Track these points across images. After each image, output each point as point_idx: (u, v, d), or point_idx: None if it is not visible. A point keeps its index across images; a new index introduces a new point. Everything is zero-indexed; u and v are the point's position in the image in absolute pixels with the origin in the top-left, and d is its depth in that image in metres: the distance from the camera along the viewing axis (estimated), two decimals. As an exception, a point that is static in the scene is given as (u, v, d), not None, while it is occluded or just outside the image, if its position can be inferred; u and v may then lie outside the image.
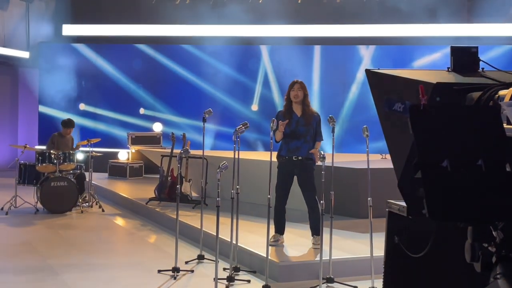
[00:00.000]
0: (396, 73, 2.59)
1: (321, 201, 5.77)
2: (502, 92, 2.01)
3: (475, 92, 2.15)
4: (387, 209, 2.76)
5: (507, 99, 1.93)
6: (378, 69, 2.80)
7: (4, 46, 13.83)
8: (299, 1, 14.06)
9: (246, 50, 14.24)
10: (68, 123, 10.16)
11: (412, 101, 2.29)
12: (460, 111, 1.97)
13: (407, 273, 2.74)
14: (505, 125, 1.88)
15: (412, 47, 13.52)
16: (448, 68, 2.63)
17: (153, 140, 13.57)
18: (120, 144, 13.99)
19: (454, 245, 2.27)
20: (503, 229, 1.93)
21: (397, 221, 2.61)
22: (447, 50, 9.64)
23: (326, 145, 8.07)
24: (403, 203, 2.51)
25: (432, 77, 2.44)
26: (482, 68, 2.63)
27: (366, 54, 13.72)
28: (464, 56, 2.61)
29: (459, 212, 1.81)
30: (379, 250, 5.41)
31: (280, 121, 6.54)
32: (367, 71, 2.85)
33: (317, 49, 13.95)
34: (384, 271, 2.81)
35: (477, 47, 2.65)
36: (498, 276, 1.89)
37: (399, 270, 2.77)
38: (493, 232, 1.96)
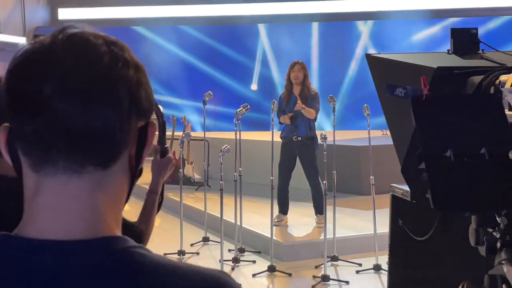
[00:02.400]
0: (397, 58, 2.59)
1: (324, 181, 5.81)
2: (503, 77, 2.02)
3: (476, 76, 2.16)
4: (390, 193, 2.78)
5: (508, 85, 1.94)
6: (379, 53, 2.80)
7: (0, 33, 13.75)
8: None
9: (244, 29, 14.16)
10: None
11: (414, 86, 2.30)
12: (462, 100, 1.98)
13: (412, 255, 2.78)
14: (507, 111, 1.89)
15: (410, 21, 13.43)
16: (448, 50, 2.63)
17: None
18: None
19: (459, 227, 2.30)
20: (507, 215, 1.95)
21: (401, 204, 2.64)
22: (446, 23, 9.57)
23: (327, 124, 8.08)
24: (407, 187, 2.54)
25: (432, 61, 2.44)
26: (483, 50, 2.63)
27: (365, 29, 13.66)
28: (464, 38, 2.61)
29: (464, 203, 1.83)
30: (383, 227, 5.48)
31: (285, 116, 6.60)
32: (368, 56, 2.85)
33: (315, 26, 13.87)
34: (389, 253, 2.85)
35: (476, 29, 2.65)
36: (503, 262, 1.92)
37: (404, 253, 2.80)
38: (497, 218, 1.99)
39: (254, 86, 14.09)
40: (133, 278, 0.74)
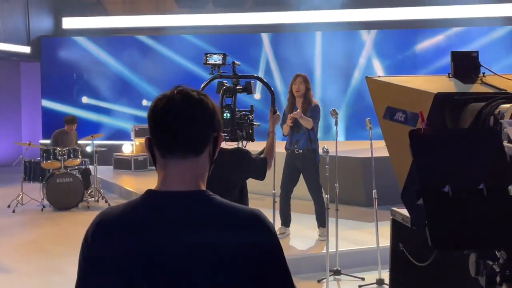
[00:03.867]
0: (397, 81, 2.58)
1: (326, 195, 5.78)
2: (503, 107, 2.00)
3: (476, 104, 2.14)
4: (391, 217, 2.76)
5: (507, 116, 1.93)
6: (378, 76, 2.79)
7: (4, 42, 13.79)
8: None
9: (247, 38, 14.17)
10: (71, 120, 10.17)
11: (413, 111, 2.28)
12: (461, 134, 1.96)
13: (412, 280, 2.75)
14: (506, 144, 1.88)
15: (414, 31, 13.43)
16: (448, 73, 2.62)
17: (157, 131, 13.58)
18: (124, 137, 14.00)
19: (460, 255, 2.28)
20: (506, 250, 1.93)
21: (402, 229, 2.62)
22: (450, 32, 9.56)
23: (328, 136, 8.06)
24: (407, 213, 2.52)
25: (433, 85, 2.43)
26: (483, 73, 2.62)
27: (368, 39, 13.65)
28: (465, 61, 2.59)
29: (462, 241, 1.81)
30: (386, 240, 5.45)
31: (285, 125, 6.58)
32: (368, 79, 2.83)
33: (318, 35, 13.87)
34: (390, 278, 2.83)
35: (477, 52, 2.63)
36: (503, 297, 1.90)
37: (404, 278, 2.78)
38: (497, 253, 1.97)
39: (257, 95, 14.08)
40: (213, 209, 1.48)
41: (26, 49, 14.57)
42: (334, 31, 13.78)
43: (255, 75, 4.81)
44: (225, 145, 4.15)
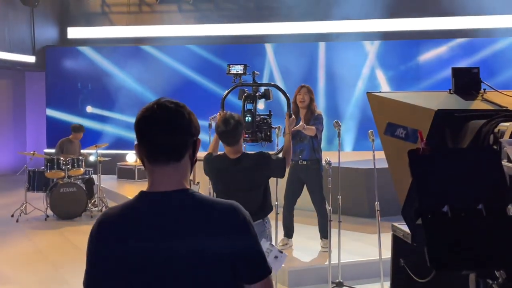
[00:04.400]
0: (398, 97, 2.59)
1: (329, 208, 5.79)
2: (502, 126, 2.01)
3: (476, 121, 2.15)
4: (392, 232, 2.77)
5: (507, 135, 1.94)
6: (380, 91, 2.80)
7: (10, 52, 13.87)
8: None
9: (251, 48, 14.21)
10: (78, 129, 10.22)
11: (414, 127, 2.29)
12: (459, 154, 1.97)
13: (413, 295, 2.75)
14: (505, 163, 1.89)
15: (417, 42, 13.45)
16: (449, 89, 2.63)
17: (161, 141, 13.62)
18: (128, 146, 14.02)
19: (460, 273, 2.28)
20: (505, 270, 1.93)
21: (402, 244, 2.62)
22: (453, 43, 9.56)
23: (332, 147, 8.06)
24: (408, 229, 2.52)
25: (433, 101, 2.44)
26: (484, 89, 2.63)
27: (371, 49, 13.68)
28: (466, 77, 2.60)
29: (461, 262, 1.81)
30: (388, 252, 5.44)
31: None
32: (369, 95, 2.85)
33: (321, 45, 13.91)
34: (391, 293, 2.83)
35: (478, 68, 2.65)
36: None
37: (405, 293, 2.78)
38: (496, 272, 1.97)
39: (261, 105, 14.07)
40: (195, 203, 1.73)
41: (31, 59, 14.65)
42: (338, 42, 13.81)
43: (272, 83, 5.34)
44: (247, 145, 4.89)
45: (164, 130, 1.73)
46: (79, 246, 7.73)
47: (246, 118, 4.68)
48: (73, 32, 15.37)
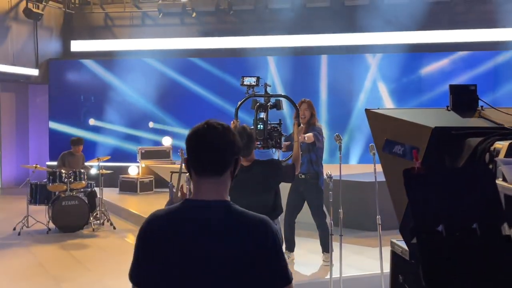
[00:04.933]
0: (396, 114, 2.60)
1: (330, 221, 5.79)
2: (498, 145, 2.02)
3: (473, 139, 2.17)
4: (390, 249, 2.77)
5: (502, 154, 1.95)
6: (378, 108, 2.82)
7: (13, 65, 13.95)
8: (304, 9, 14.09)
9: (253, 61, 14.25)
10: (77, 141, 10.24)
11: (412, 144, 2.30)
12: (454, 173, 1.98)
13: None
14: (500, 181, 1.90)
15: (419, 54, 13.49)
16: (447, 106, 2.64)
17: (163, 154, 13.65)
18: (131, 159, 14.05)
19: None
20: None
21: (401, 261, 2.62)
22: (455, 56, 9.58)
23: (335, 160, 8.07)
24: (406, 246, 2.52)
25: (431, 119, 2.45)
26: (481, 106, 2.64)
27: (373, 62, 13.72)
28: (463, 94, 2.62)
29: (456, 282, 1.81)
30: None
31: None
32: (367, 111, 2.86)
33: (323, 58, 13.95)
34: (390, 310, 2.83)
35: (475, 85, 2.66)
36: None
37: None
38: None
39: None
40: (231, 213, 1.98)
41: (35, 72, 14.72)
42: (339, 55, 13.86)
43: (283, 94, 5.69)
44: (258, 151, 5.05)
45: (211, 149, 1.98)
46: (80, 259, 7.73)
47: (259, 126, 5.00)
48: (76, 45, 15.46)
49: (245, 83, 5.29)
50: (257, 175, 4.42)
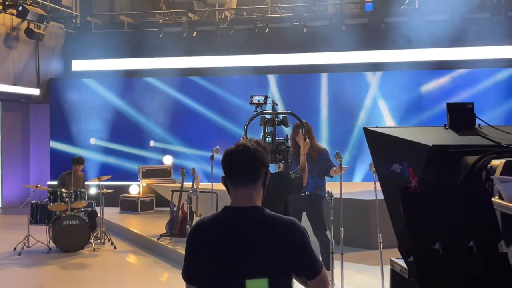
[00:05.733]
0: (393, 132, 2.61)
1: (331, 239, 5.78)
2: (494, 162, 2.03)
3: (470, 157, 2.17)
4: (390, 267, 2.76)
5: (498, 172, 1.95)
6: (376, 127, 2.83)
7: (15, 85, 14.01)
8: (305, 30, 14.17)
9: (254, 80, 14.32)
10: (78, 161, 10.25)
11: (410, 162, 2.31)
12: (450, 191, 1.98)
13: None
14: (497, 199, 1.89)
15: (419, 72, 13.53)
16: (445, 125, 2.65)
17: (164, 173, 13.64)
18: (131, 177, 14.05)
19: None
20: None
21: (401, 279, 2.61)
22: (454, 74, 9.60)
23: (335, 178, 8.06)
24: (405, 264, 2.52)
25: (428, 136, 2.46)
26: (479, 124, 2.65)
27: (373, 80, 13.76)
28: (461, 112, 2.63)
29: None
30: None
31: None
32: (365, 130, 2.87)
33: (324, 76, 14.00)
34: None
35: (472, 103, 2.67)
36: None
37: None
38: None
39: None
40: (265, 217, 2.37)
41: (36, 91, 14.78)
42: (340, 73, 13.91)
43: (290, 111, 5.82)
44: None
45: (245, 164, 2.41)
46: (81, 279, 7.70)
47: (267, 139, 5.32)
48: (78, 65, 15.54)
49: (253, 101, 5.55)
50: (268, 187, 4.48)
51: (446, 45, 13.28)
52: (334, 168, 6.66)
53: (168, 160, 14.18)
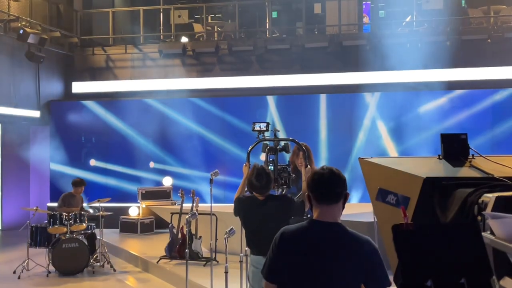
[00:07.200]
0: (388, 163, 2.65)
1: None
2: (486, 197, 2.06)
3: (462, 189, 2.20)
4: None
5: (489, 208, 1.98)
6: (371, 157, 2.86)
7: (15, 107, 14.07)
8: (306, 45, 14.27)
9: (253, 100, 14.38)
10: (79, 183, 10.28)
11: (404, 194, 2.34)
12: (442, 229, 2.01)
13: None
14: (487, 235, 1.92)
15: (417, 93, 13.59)
16: (439, 155, 2.69)
17: (163, 194, 13.64)
18: (131, 199, 14.05)
19: None
20: None
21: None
22: (452, 95, 9.65)
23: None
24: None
25: (422, 168, 2.49)
26: (472, 155, 2.68)
27: (372, 101, 13.82)
28: (454, 143, 2.66)
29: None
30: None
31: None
32: (360, 160, 2.91)
33: (323, 97, 14.07)
34: None
35: (466, 134, 2.71)
36: None
37: None
38: None
39: (263, 156, 14.13)
40: (345, 233, 2.73)
41: (36, 114, 14.83)
42: (338, 94, 13.97)
43: (291, 138, 6.04)
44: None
45: (330, 185, 2.73)
46: (80, 303, 7.69)
47: (269, 167, 5.49)
48: (78, 87, 15.62)
49: (256, 128, 5.75)
50: (271, 208, 4.90)
51: (443, 66, 13.36)
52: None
53: (167, 181, 14.19)
